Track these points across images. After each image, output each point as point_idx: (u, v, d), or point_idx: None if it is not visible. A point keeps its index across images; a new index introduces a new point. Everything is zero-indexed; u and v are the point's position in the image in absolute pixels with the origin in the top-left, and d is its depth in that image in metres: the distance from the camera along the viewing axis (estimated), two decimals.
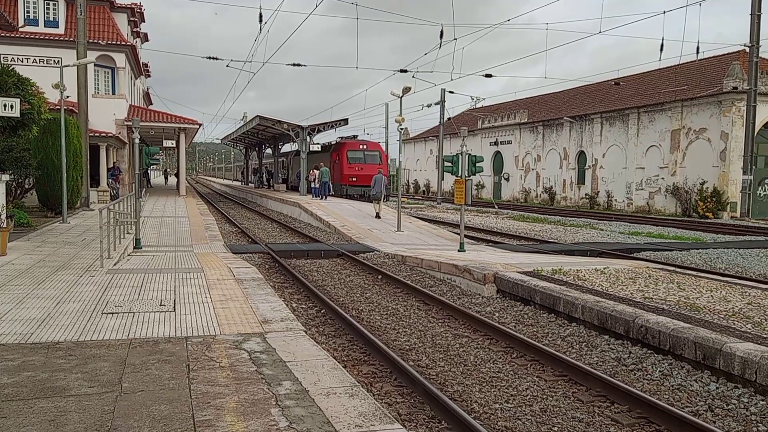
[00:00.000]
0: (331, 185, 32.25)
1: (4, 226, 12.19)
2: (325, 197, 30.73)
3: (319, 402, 4.60)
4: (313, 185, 31.82)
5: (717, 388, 6.41)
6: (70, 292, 8.40)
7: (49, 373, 5.11)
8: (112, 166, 30.68)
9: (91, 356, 5.60)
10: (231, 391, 4.79)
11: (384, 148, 38.35)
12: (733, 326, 7.40)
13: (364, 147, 36.35)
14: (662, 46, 24.07)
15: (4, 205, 13.36)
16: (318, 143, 35.80)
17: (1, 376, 5.01)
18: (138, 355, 5.68)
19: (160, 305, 7.74)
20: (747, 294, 9.55)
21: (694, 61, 31.03)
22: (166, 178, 68.98)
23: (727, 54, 36.12)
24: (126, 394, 4.66)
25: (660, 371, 7.00)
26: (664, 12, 22.24)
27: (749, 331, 7.21)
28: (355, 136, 39.01)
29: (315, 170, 32.16)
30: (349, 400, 4.66)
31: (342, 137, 39.71)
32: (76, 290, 8.57)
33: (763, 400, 6.00)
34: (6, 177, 14.40)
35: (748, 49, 30.25)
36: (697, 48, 25.71)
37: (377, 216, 23.23)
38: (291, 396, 4.72)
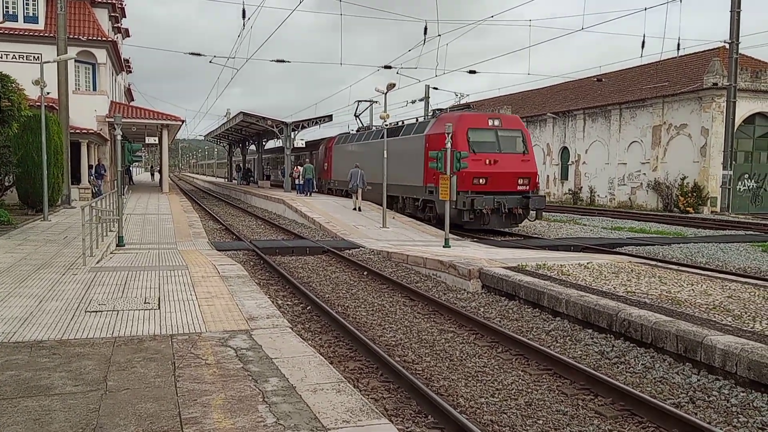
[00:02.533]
0: (314, 182, 31.84)
1: None
2: (310, 194, 30.87)
3: (306, 398, 4.61)
4: (297, 182, 31.93)
5: (698, 380, 6.51)
6: (52, 291, 8.31)
7: (33, 372, 5.06)
8: (96, 163, 30.32)
9: (76, 355, 5.55)
10: (217, 388, 4.78)
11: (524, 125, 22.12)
12: (714, 319, 7.53)
13: (497, 123, 20.27)
14: (643, 42, 24.31)
15: None
16: (302, 139, 35.02)
17: None
18: (123, 353, 5.64)
19: (145, 303, 7.69)
20: (727, 287, 9.71)
21: (675, 57, 31.40)
22: (152, 175, 68.35)
23: (707, 50, 36.55)
24: (111, 393, 4.63)
25: (642, 364, 7.10)
26: (645, 9, 22.42)
27: (729, 323, 7.34)
28: (468, 106, 23.38)
29: (299, 167, 32.38)
30: (336, 396, 4.68)
31: (441, 109, 24.40)
32: (59, 288, 8.48)
33: (743, 392, 6.11)
34: None
35: (728, 46, 30.64)
36: (678, 44, 26.00)
37: (358, 209, 23.70)
38: (278, 392, 4.72)
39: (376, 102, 31.34)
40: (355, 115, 33.12)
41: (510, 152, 20.00)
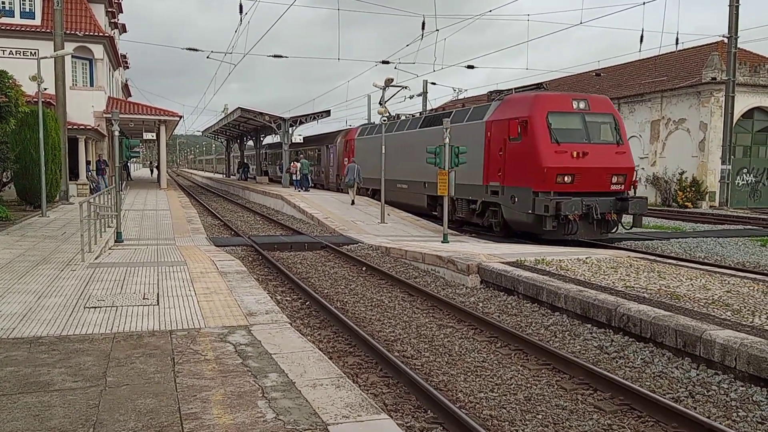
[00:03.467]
0: (310, 178, 32.10)
1: None
2: (307, 189, 31.12)
3: (306, 393, 4.61)
4: (294, 177, 32.25)
5: (697, 374, 6.52)
6: (51, 287, 8.30)
7: (33, 368, 5.05)
8: (98, 158, 30.27)
9: (75, 351, 5.54)
10: (217, 383, 4.78)
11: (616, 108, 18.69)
12: (713, 314, 7.54)
13: (583, 105, 16.15)
14: (642, 37, 24.25)
15: None
16: (300, 135, 34.91)
17: None
18: (122, 349, 5.64)
19: (144, 299, 7.68)
20: (726, 282, 9.72)
21: (674, 52, 31.32)
22: (152, 171, 68.27)
23: (705, 45, 36.52)
24: (111, 388, 4.63)
25: (641, 359, 7.11)
26: (644, 3, 22.38)
27: (729, 318, 7.34)
28: (541, 85, 18.01)
29: (296, 162, 32.68)
30: (335, 391, 4.68)
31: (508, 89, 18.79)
32: (58, 284, 8.46)
33: (742, 386, 6.12)
34: None
35: (726, 40, 30.60)
36: (677, 39, 25.97)
37: (352, 203, 23.97)
38: (277, 388, 4.72)
39: (406, 87, 27.49)
40: (380, 103, 31.05)
41: (601, 142, 15.92)
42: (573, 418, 5.59)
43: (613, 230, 16.16)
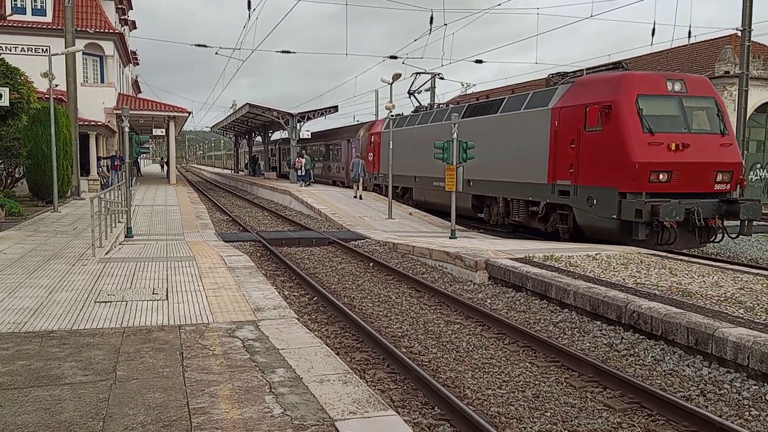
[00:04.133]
0: (311, 172, 33.56)
1: None
2: (309, 183, 32.56)
3: (313, 389, 4.62)
4: (299, 173, 33.27)
5: (709, 372, 6.46)
6: (62, 281, 8.36)
7: (44, 362, 5.09)
8: (113, 154, 30.48)
9: (85, 345, 5.58)
10: (225, 378, 4.79)
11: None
12: (726, 311, 7.46)
13: (679, 87, 13.59)
14: (654, 30, 24.04)
15: None
16: (308, 130, 35.33)
17: None
18: (132, 343, 5.67)
19: (153, 294, 7.71)
20: (739, 279, 9.63)
21: (686, 45, 31.04)
22: (162, 167, 68.72)
23: (718, 38, 36.13)
24: (120, 382, 4.65)
25: (652, 356, 7.06)
26: None
27: (741, 315, 7.27)
28: (619, 64, 15.29)
29: (300, 158, 33.78)
30: (342, 387, 4.68)
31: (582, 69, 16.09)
32: (69, 279, 8.52)
33: (755, 385, 6.06)
34: None
35: (740, 33, 30.24)
36: (689, 32, 25.65)
37: (360, 198, 24.55)
38: (285, 383, 4.72)
39: (439, 74, 24.85)
40: (409, 92, 26.01)
41: (703, 131, 13.29)
42: (582, 416, 5.56)
43: (715, 239, 13.52)
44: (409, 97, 26.36)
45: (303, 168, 32.73)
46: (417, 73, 25.47)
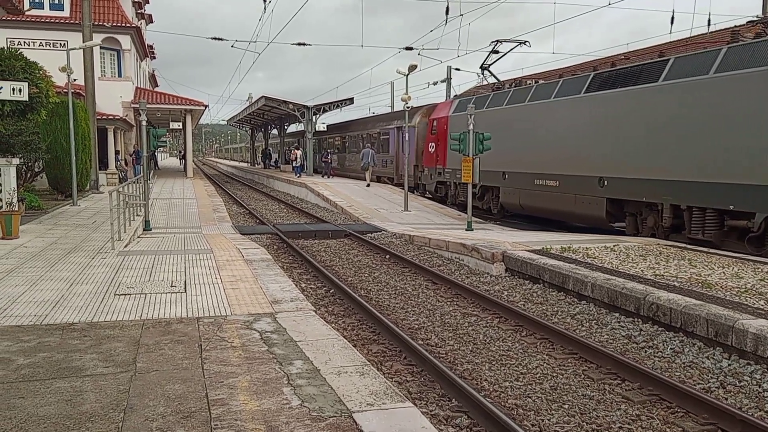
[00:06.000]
0: (306, 164, 35.24)
1: (16, 209, 12.28)
2: (299, 174, 34.13)
3: (331, 381, 4.64)
4: (294, 164, 35.20)
5: (729, 365, 6.39)
6: (82, 274, 8.47)
7: (65, 354, 5.16)
8: (135, 148, 30.83)
9: (106, 337, 5.65)
10: (243, 370, 4.83)
11: None
12: (746, 303, 7.36)
13: None
14: (672, 18, 23.63)
15: (15, 188, 13.44)
16: (324, 122, 35.74)
17: (18, 357, 5.07)
18: (151, 335, 5.73)
19: (171, 286, 7.79)
20: (759, 270, 9.49)
21: (706, 33, 30.47)
22: (180, 160, 69.28)
23: (739, 26, 35.47)
24: (140, 374, 4.71)
25: (671, 348, 6.99)
26: None
27: (762, 307, 7.17)
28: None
29: (296, 151, 35.82)
30: (360, 379, 4.69)
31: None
32: (89, 272, 8.64)
33: None
34: (16, 161, 14.47)
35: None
36: (709, 20, 25.18)
37: (368, 185, 26.72)
38: (302, 375, 4.75)
39: (526, 42, 20.64)
40: (481, 67, 21.85)
41: None
42: (600, 408, 5.53)
43: None
44: (482, 73, 22.15)
45: (298, 159, 34.75)
46: (497, 41, 20.65)
